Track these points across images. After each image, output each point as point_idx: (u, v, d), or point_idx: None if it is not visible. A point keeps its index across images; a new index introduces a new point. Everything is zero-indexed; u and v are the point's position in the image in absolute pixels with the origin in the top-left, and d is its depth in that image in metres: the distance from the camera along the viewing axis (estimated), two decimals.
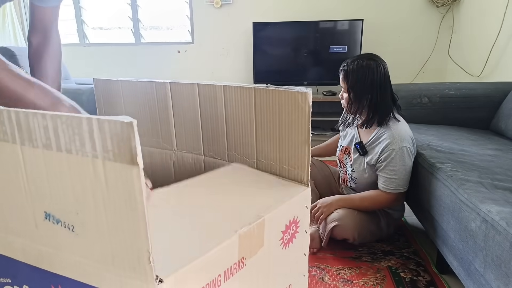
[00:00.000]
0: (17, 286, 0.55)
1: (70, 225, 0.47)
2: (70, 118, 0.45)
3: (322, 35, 3.22)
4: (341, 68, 1.45)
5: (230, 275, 0.54)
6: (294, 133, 0.77)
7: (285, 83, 3.46)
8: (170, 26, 3.75)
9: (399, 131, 1.36)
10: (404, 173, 1.34)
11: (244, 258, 0.57)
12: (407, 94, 1.98)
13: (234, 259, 0.55)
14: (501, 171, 1.12)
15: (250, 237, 0.58)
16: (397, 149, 1.33)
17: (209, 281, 0.50)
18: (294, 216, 0.70)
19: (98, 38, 3.84)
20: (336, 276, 1.30)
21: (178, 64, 3.65)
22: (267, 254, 0.63)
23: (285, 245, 0.69)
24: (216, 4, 3.42)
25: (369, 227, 1.44)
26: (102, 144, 0.43)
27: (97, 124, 0.43)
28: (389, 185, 1.36)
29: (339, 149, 1.62)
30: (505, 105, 1.79)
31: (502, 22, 2.32)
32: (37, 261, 0.51)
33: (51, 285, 0.51)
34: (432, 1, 3.12)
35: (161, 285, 0.41)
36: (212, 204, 0.66)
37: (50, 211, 0.49)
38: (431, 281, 1.27)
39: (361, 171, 1.46)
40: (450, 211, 1.05)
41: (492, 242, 0.81)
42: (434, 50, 3.23)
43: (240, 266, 0.56)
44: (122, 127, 0.41)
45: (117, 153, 0.42)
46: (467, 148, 1.42)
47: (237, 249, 0.55)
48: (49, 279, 0.50)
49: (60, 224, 0.48)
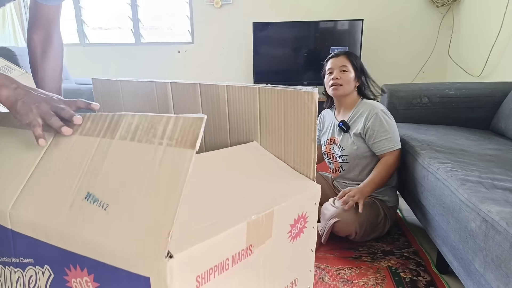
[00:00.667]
0: (39, 266, 0.57)
1: (105, 204, 0.51)
2: (153, 116, 0.54)
3: (322, 35, 3.22)
4: (339, 51, 1.64)
5: (237, 261, 0.55)
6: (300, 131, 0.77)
7: (284, 83, 3.46)
8: (170, 26, 3.75)
9: (372, 102, 1.59)
10: (393, 129, 1.52)
11: (252, 246, 0.58)
12: (407, 94, 1.98)
13: (242, 245, 0.56)
14: (501, 171, 1.12)
15: (259, 226, 0.59)
16: (379, 112, 1.52)
17: (218, 263, 0.51)
18: (303, 211, 0.71)
19: (98, 38, 3.84)
20: (336, 276, 1.30)
21: (178, 64, 3.65)
22: (275, 246, 0.64)
23: (293, 239, 0.70)
24: (216, 4, 3.42)
25: (369, 220, 1.46)
26: (171, 134, 0.51)
27: (173, 120, 0.52)
28: (388, 145, 1.49)
29: (324, 145, 1.72)
30: (505, 105, 1.79)
31: (502, 22, 2.32)
32: (58, 241, 0.53)
33: (70, 264, 0.53)
34: (432, 1, 3.12)
35: (171, 260, 0.43)
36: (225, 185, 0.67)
37: (93, 192, 0.53)
38: (431, 281, 1.27)
39: (350, 145, 1.58)
40: (450, 211, 1.05)
41: (492, 242, 0.81)
42: (434, 50, 3.23)
43: (248, 253, 0.57)
44: (193, 121, 0.49)
45: (179, 140, 0.50)
46: (467, 148, 1.42)
47: (245, 236, 0.56)
48: (68, 259, 0.53)
49: (96, 204, 0.52)
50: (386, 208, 1.55)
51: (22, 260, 0.59)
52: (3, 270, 0.63)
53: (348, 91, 1.60)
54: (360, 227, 1.42)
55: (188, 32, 3.65)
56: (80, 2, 3.72)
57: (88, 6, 3.75)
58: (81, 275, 0.52)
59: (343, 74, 1.58)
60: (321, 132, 1.77)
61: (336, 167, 1.67)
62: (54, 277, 0.55)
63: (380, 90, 1.69)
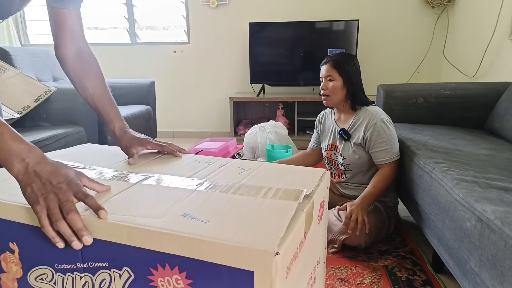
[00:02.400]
0: (115, 269, 0.58)
1: (205, 220, 0.57)
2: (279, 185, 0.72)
3: (318, 35, 3.23)
4: (327, 60, 1.57)
5: (300, 249, 0.60)
6: None
7: (281, 83, 3.46)
8: (166, 26, 3.74)
9: (373, 110, 1.53)
10: (392, 140, 1.48)
11: (306, 233, 0.64)
12: (403, 94, 1.99)
13: (302, 234, 0.62)
14: (496, 171, 1.13)
15: (309, 215, 0.65)
16: (378, 122, 1.48)
17: (294, 253, 0.56)
18: (323, 196, 0.79)
19: (94, 38, 3.82)
20: (332, 275, 1.30)
21: (174, 64, 3.65)
22: (313, 230, 0.71)
23: (319, 221, 0.77)
24: (212, 4, 3.41)
25: (376, 224, 1.46)
26: (278, 195, 0.67)
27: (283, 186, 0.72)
28: (386, 156, 1.47)
29: (325, 150, 1.69)
30: (500, 105, 1.81)
31: (497, 22, 2.34)
32: (143, 243, 0.55)
33: (157, 264, 0.55)
34: (427, 1, 3.14)
35: (277, 256, 0.49)
36: (266, 184, 0.73)
37: (190, 213, 0.59)
38: (427, 280, 1.27)
39: (351, 154, 1.55)
40: (446, 211, 1.05)
41: (487, 241, 0.82)
42: (429, 51, 3.24)
43: (304, 241, 0.63)
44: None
45: (282, 196, 0.66)
46: (462, 147, 1.42)
47: (303, 225, 0.62)
48: (155, 259, 0.55)
49: (194, 220, 0.57)
50: (388, 208, 1.55)
51: (92, 264, 0.59)
52: (62, 277, 0.63)
53: (337, 100, 1.56)
54: (369, 237, 1.41)
55: (184, 32, 3.64)
56: None
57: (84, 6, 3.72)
58: (170, 273, 0.54)
59: (328, 84, 1.54)
60: (321, 136, 1.74)
61: (339, 173, 1.65)
62: (135, 278, 0.57)
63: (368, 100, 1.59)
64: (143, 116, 2.63)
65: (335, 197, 1.67)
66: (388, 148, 1.47)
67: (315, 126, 1.78)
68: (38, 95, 1.99)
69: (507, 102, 1.75)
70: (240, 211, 0.61)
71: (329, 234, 1.43)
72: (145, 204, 0.63)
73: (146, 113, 2.68)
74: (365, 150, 1.53)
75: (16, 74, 2.06)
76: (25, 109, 1.92)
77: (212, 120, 3.74)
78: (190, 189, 0.70)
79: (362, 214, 1.37)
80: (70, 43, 0.95)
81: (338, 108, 1.62)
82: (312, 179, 0.76)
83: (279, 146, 2.35)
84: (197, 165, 0.87)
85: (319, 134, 1.76)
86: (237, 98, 3.32)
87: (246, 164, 0.88)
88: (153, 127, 2.85)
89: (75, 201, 0.59)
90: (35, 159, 0.61)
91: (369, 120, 1.49)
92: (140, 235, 0.55)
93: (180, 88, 3.70)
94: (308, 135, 3.24)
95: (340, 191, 1.67)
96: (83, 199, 0.60)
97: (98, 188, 0.68)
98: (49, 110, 2.01)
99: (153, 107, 2.87)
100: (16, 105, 1.91)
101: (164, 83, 3.61)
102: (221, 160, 0.91)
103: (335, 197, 1.67)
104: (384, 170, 1.48)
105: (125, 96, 2.73)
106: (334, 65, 1.54)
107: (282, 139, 2.57)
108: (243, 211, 0.61)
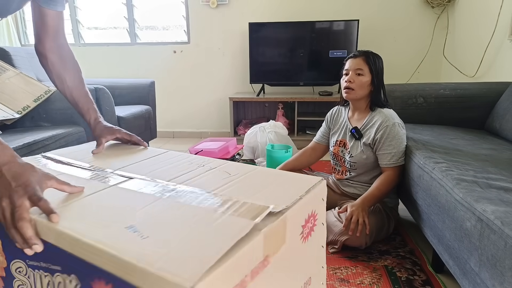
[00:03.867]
0: (66, 274, 0.58)
1: (144, 235, 0.54)
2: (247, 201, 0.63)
3: (318, 35, 3.23)
4: (359, 53, 1.55)
5: (256, 274, 0.54)
6: None
7: (281, 83, 3.46)
8: (166, 26, 3.74)
9: (388, 112, 1.53)
10: (401, 146, 1.48)
11: (268, 256, 0.57)
12: (403, 94, 1.99)
13: (259, 258, 0.55)
14: (495, 171, 1.13)
15: (273, 235, 0.58)
16: (390, 125, 1.48)
17: (238, 281, 0.50)
18: (312, 209, 0.70)
19: (94, 38, 3.82)
20: (332, 275, 1.30)
21: (174, 64, 3.65)
22: (289, 250, 0.63)
23: (305, 239, 0.69)
24: (212, 4, 3.41)
25: (376, 225, 1.46)
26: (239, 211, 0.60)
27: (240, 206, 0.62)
28: (391, 160, 1.48)
29: (332, 145, 1.69)
30: (500, 105, 1.81)
31: (497, 22, 2.34)
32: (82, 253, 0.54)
33: (95, 278, 0.53)
34: (427, 1, 3.14)
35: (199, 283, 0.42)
36: (237, 196, 0.66)
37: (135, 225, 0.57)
38: (426, 280, 1.27)
39: (359, 153, 1.55)
40: (445, 210, 1.05)
41: (487, 241, 0.82)
42: (429, 51, 3.24)
43: (265, 264, 0.56)
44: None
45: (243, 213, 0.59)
46: (462, 147, 1.42)
47: (262, 248, 0.55)
48: (95, 272, 0.53)
49: (135, 234, 0.54)
50: (388, 209, 1.55)
51: (50, 266, 0.59)
52: (32, 273, 0.63)
53: (360, 96, 1.54)
54: (369, 237, 1.42)
55: (184, 32, 3.64)
56: (75, 2, 3.70)
57: (84, 6, 3.73)
58: None
59: (357, 78, 1.52)
60: (331, 131, 1.73)
61: (343, 170, 1.65)
62: (82, 286, 0.56)
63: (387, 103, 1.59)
64: (143, 116, 2.63)
65: (335, 196, 1.67)
66: (395, 152, 1.47)
67: (326, 120, 1.76)
68: (38, 95, 1.99)
69: (507, 102, 1.75)
70: (188, 228, 0.55)
71: (330, 234, 1.43)
72: (102, 211, 0.61)
73: (146, 113, 2.68)
74: (373, 151, 1.53)
75: (16, 74, 2.06)
76: (25, 109, 1.92)
77: (212, 120, 3.74)
78: (156, 196, 0.67)
79: (362, 216, 1.37)
80: (52, 39, 1.02)
81: (356, 105, 1.60)
82: (297, 191, 0.68)
83: (279, 146, 2.35)
84: (187, 166, 0.84)
85: (329, 128, 1.74)
86: (237, 98, 3.32)
87: (237, 168, 0.83)
88: (153, 127, 2.85)
89: (29, 206, 0.59)
90: (4, 159, 0.62)
91: (382, 121, 1.49)
92: (81, 245, 0.53)
93: (180, 88, 3.70)
94: (308, 135, 3.24)
95: (341, 189, 1.67)
96: (36, 203, 0.59)
97: (68, 190, 0.67)
98: (49, 110, 2.00)
99: (153, 107, 2.87)
100: (16, 105, 1.91)
101: (164, 83, 3.61)
102: (213, 162, 0.87)
103: (335, 196, 1.67)
104: (388, 174, 1.48)
105: (125, 96, 2.73)
106: (367, 60, 1.52)
107: (282, 139, 2.57)
108: (191, 228, 0.55)
